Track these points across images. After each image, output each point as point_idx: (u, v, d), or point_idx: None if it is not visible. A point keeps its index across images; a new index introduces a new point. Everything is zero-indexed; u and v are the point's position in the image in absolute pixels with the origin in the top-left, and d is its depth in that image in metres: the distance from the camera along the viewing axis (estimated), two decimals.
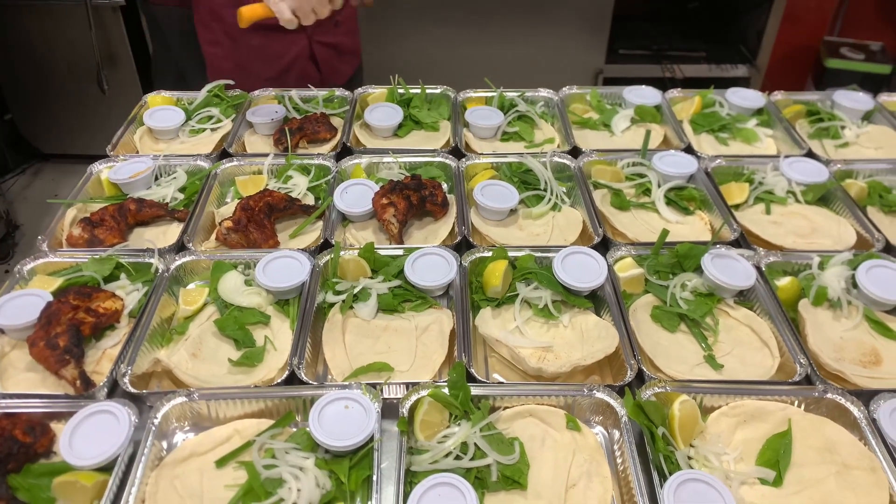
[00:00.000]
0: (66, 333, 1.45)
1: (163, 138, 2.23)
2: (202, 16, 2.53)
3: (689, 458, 1.31)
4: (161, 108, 2.26)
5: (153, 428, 1.32)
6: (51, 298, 1.54)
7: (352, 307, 1.62)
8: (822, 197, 1.99)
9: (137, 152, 2.17)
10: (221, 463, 1.31)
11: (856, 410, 1.36)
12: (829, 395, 1.39)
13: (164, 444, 1.35)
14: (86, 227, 1.76)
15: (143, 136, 2.22)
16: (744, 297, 1.68)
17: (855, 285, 1.65)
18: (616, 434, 1.36)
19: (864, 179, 2.05)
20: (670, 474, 1.22)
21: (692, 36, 4.56)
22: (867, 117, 2.35)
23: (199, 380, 1.45)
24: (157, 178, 2.03)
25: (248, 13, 1.89)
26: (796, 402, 1.40)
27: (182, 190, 1.99)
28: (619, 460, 1.33)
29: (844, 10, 4.44)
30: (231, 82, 2.40)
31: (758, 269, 1.69)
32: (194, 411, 1.38)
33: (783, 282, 1.67)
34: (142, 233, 1.87)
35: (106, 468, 1.26)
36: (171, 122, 2.21)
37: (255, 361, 1.49)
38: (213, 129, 2.25)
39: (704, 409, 1.39)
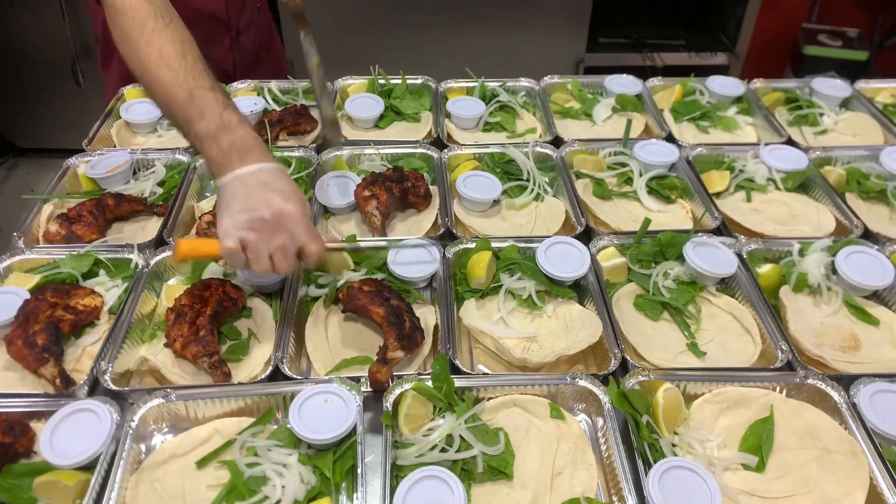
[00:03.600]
0: (44, 331, 1.43)
1: (140, 132, 2.20)
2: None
3: (674, 445, 1.32)
4: (138, 102, 2.22)
5: (130, 431, 1.30)
6: (28, 296, 1.52)
7: (336, 303, 1.61)
8: (802, 184, 2.01)
9: (115, 146, 2.14)
10: (202, 463, 1.29)
11: (836, 395, 1.37)
12: (809, 381, 1.40)
13: (143, 447, 1.33)
14: (63, 223, 1.73)
15: (121, 129, 2.19)
16: (725, 285, 1.69)
17: (834, 271, 1.67)
18: (600, 422, 1.36)
19: (842, 166, 2.07)
20: (655, 462, 1.23)
21: (672, 24, 4.56)
22: (845, 104, 2.37)
23: (186, 377, 1.44)
24: (135, 173, 2.00)
25: (186, 249, 1.45)
26: (778, 388, 1.42)
27: (161, 184, 1.96)
28: (603, 448, 1.33)
29: None
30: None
31: (739, 256, 1.70)
32: (172, 412, 1.37)
33: (764, 269, 1.69)
34: (120, 228, 1.85)
35: (88, 467, 1.24)
36: (148, 116, 2.18)
37: (240, 355, 1.49)
38: None
39: (688, 396, 1.41)
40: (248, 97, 2.27)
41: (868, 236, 1.80)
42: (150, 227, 1.84)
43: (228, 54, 2.43)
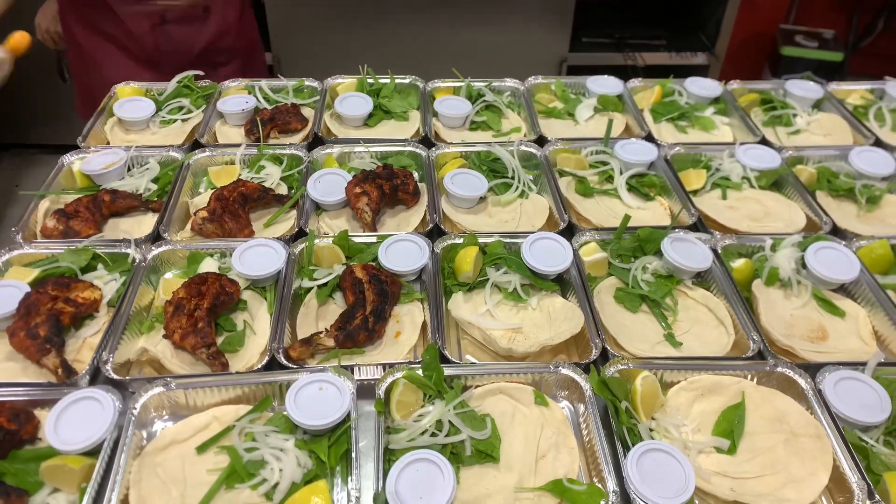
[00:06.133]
0: (46, 323, 1.47)
1: (133, 129, 2.23)
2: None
3: (651, 429, 1.39)
4: (131, 99, 2.26)
5: (132, 418, 1.35)
6: (28, 289, 1.56)
7: (331, 296, 1.67)
8: (775, 182, 2.09)
9: (108, 143, 2.17)
10: (202, 449, 1.34)
11: (803, 382, 1.45)
12: (779, 369, 1.48)
13: (144, 434, 1.38)
14: (60, 219, 1.77)
15: (114, 127, 2.22)
16: (701, 279, 1.77)
17: (804, 266, 1.75)
18: (581, 408, 1.43)
19: (813, 165, 2.16)
20: (633, 445, 1.30)
21: (653, 24, 4.65)
22: (817, 105, 2.46)
23: (185, 367, 1.49)
24: (129, 169, 2.04)
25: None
26: (749, 376, 1.49)
27: (155, 181, 2.00)
28: (584, 432, 1.40)
29: None
30: (201, 73, 2.42)
31: (714, 251, 1.78)
32: (172, 400, 1.42)
33: (738, 263, 1.76)
34: (116, 224, 1.89)
35: (91, 453, 1.29)
36: (141, 113, 2.22)
37: (236, 346, 1.54)
38: (183, 120, 2.27)
39: (665, 384, 1.48)
40: (240, 95, 2.32)
41: (836, 232, 1.89)
42: (145, 223, 1.89)
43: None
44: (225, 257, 1.72)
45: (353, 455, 1.29)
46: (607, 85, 2.48)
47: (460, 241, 1.76)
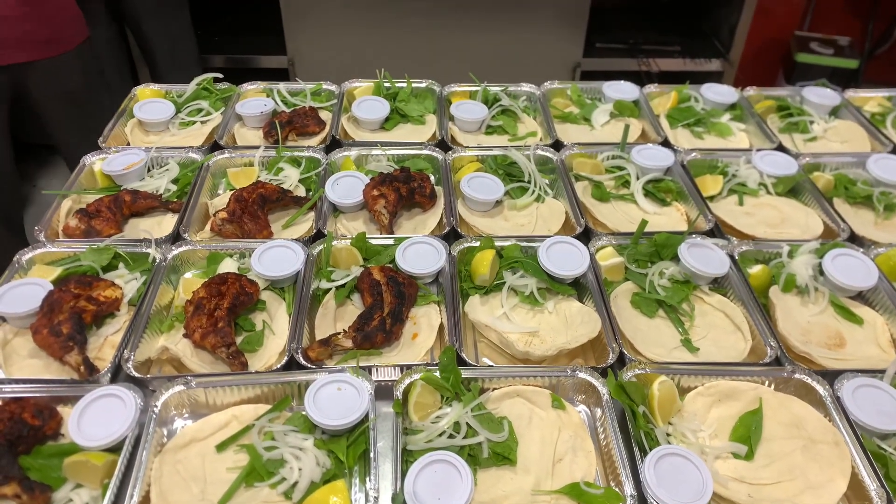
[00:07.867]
0: (68, 321, 1.49)
1: (153, 131, 2.26)
2: None
3: (668, 434, 1.39)
4: (151, 101, 2.29)
5: (154, 415, 1.36)
6: (51, 287, 1.58)
7: (349, 297, 1.68)
8: (792, 189, 2.09)
9: (128, 144, 2.20)
10: (222, 447, 1.36)
11: (821, 389, 1.45)
12: (796, 376, 1.48)
13: (165, 431, 1.40)
14: (82, 218, 1.79)
15: (134, 128, 2.25)
16: (718, 284, 1.77)
17: (821, 272, 1.75)
18: (598, 412, 1.43)
19: (830, 172, 2.15)
20: (650, 449, 1.31)
21: (667, 30, 4.65)
22: (834, 112, 2.46)
23: (204, 366, 1.51)
24: (149, 170, 2.06)
25: None
26: (766, 382, 1.49)
27: (174, 181, 2.02)
28: (601, 436, 1.41)
29: (814, 5, 4.56)
30: (220, 76, 2.44)
31: (731, 257, 1.78)
32: (192, 399, 1.43)
33: (755, 269, 1.76)
34: (137, 223, 1.91)
35: (113, 449, 1.31)
36: (161, 115, 2.24)
37: (255, 346, 1.55)
38: (202, 122, 2.29)
39: (682, 389, 1.48)
40: (258, 98, 2.34)
41: (854, 239, 1.88)
42: (165, 223, 1.91)
43: None
44: (244, 258, 1.74)
45: (372, 455, 1.30)
46: (623, 90, 2.48)
47: (477, 244, 1.77)
